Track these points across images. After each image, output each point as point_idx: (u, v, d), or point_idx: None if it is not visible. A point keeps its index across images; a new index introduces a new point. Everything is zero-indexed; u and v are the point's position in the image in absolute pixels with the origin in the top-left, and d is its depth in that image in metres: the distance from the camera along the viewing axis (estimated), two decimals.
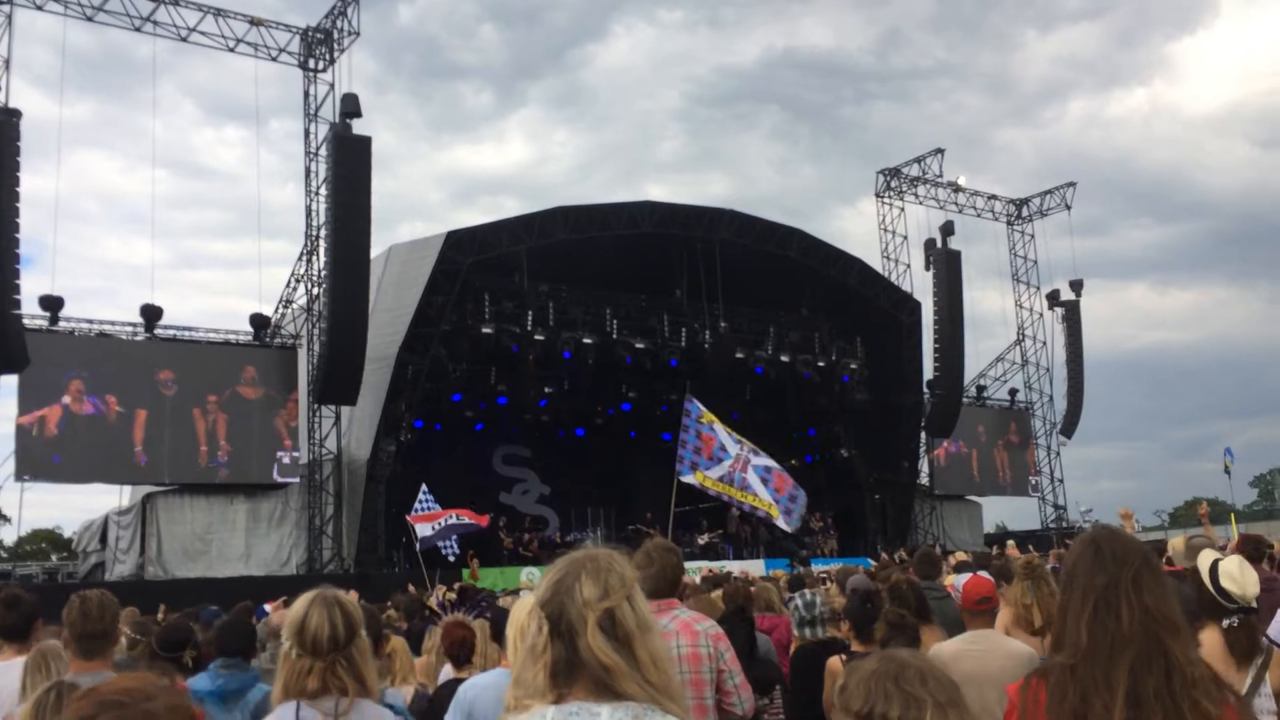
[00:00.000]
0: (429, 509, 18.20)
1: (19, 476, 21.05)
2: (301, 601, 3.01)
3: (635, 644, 2.00)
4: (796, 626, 6.24)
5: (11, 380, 20.88)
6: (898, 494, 32.42)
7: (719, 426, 16.64)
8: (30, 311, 20.82)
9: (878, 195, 35.42)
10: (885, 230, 35.06)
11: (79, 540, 28.82)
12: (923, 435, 32.94)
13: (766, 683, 6.15)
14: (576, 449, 32.11)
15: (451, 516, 18.21)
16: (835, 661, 5.58)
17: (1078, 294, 37.59)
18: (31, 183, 20.03)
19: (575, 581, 2.03)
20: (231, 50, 24.18)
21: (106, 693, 1.67)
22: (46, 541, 51.99)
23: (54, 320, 21.71)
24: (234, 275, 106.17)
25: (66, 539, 44.75)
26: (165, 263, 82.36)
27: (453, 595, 13.11)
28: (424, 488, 18.20)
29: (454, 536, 18.77)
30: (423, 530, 17.79)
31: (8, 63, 20.82)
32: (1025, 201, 39.17)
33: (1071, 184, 38.29)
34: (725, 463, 16.34)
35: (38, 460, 21.12)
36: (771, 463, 16.64)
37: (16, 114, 19.94)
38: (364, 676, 2.92)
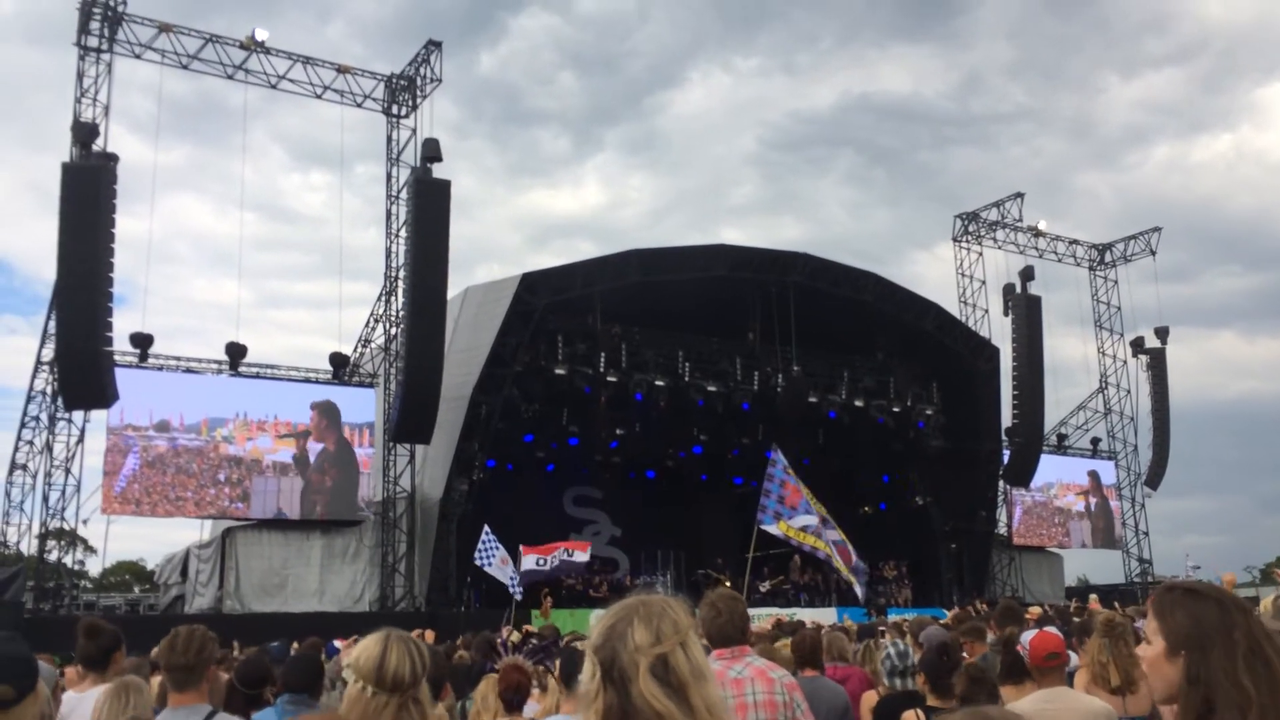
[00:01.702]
0: (493, 551, 18.05)
1: (105, 509, 21.67)
2: (376, 640, 3.03)
3: (690, 692, 1.97)
4: (887, 676, 6.11)
5: (101, 415, 21.59)
6: (974, 544, 31.68)
7: (803, 486, 16.64)
8: (121, 349, 21.54)
9: (955, 240, 35.04)
10: (963, 275, 34.64)
11: (161, 573, 29.50)
12: (1000, 484, 32.23)
13: None
14: (647, 491, 32.02)
15: (545, 559, 18.01)
16: (911, 716, 5.44)
17: (1163, 341, 36.64)
18: (126, 225, 20.77)
19: (628, 627, 2.01)
20: (319, 97, 24.94)
21: None
22: (130, 573, 53.26)
23: (143, 357, 22.40)
24: (316, 315, 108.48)
25: (149, 571, 45.84)
26: (250, 302, 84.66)
27: (517, 636, 13.10)
28: (485, 529, 18.14)
29: (524, 577, 18.56)
30: (499, 573, 17.62)
31: (107, 109, 21.75)
32: (1109, 246, 38.40)
33: (1157, 229, 37.50)
34: (810, 516, 16.25)
35: (124, 493, 21.71)
36: (842, 536, 16.63)
37: (114, 159, 20.77)
38: (429, 715, 2.93)
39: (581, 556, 18.39)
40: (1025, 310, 30.80)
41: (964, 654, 6.97)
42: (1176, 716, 2.33)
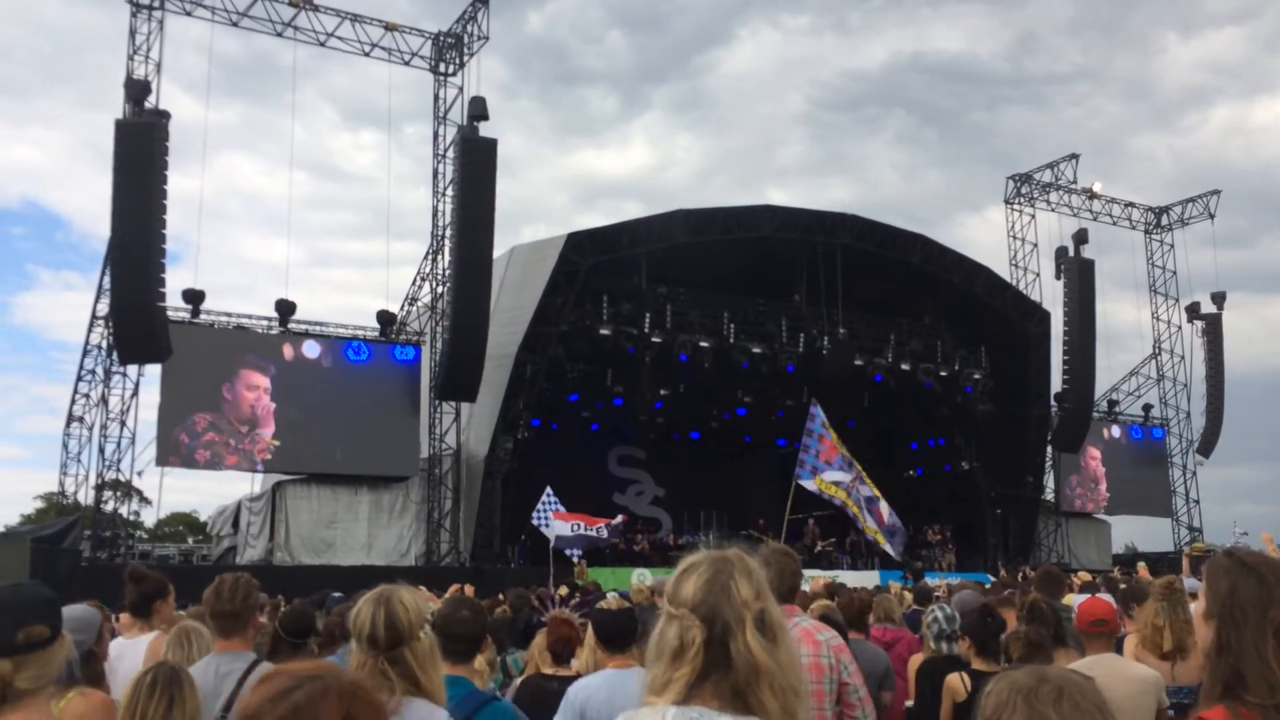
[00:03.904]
0: (554, 509, 18.10)
1: (160, 461, 22.12)
2: (363, 599, 3.05)
3: (780, 645, 1.98)
4: (934, 640, 6.06)
5: (155, 369, 21.97)
6: (1021, 509, 31.42)
7: (840, 442, 16.54)
8: (174, 304, 21.85)
9: (1007, 201, 34.46)
10: (1014, 237, 34.10)
11: (213, 524, 30.11)
12: (1049, 450, 31.88)
13: None
14: (691, 452, 32.09)
15: (582, 525, 18.00)
16: (955, 679, 5.41)
17: (1220, 307, 35.84)
18: (179, 183, 21.00)
19: (729, 581, 1.99)
20: (367, 55, 24.96)
21: (302, 670, 1.73)
22: (184, 524, 54.48)
23: (195, 313, 22.73)
24: (364, 274, 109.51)
25: (203, 522, 46.83)
26: (300, 261, 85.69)
27: (565, 591, 13.24)
28: (548, 490, 18.21)
29: (579, 546, 18.61)
30: (560, 529, 17.74)
31: (159, 66, 21.92)
32: (1165, 210, 37.55)
33: (1216, 192, 36.56)
34: (845, 474, 16.18)
35: (177, 446, 22.13)
36: (875, 493, 16.48)
37: (166, 115, 20.95)
38: (417, 676, 2.91)
39: (598, 533, 18.09)
40: (1078, 274, 30.24)
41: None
42: (1205, 679, 2.38)
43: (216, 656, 4.28)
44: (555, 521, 17.46)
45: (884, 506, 16.56)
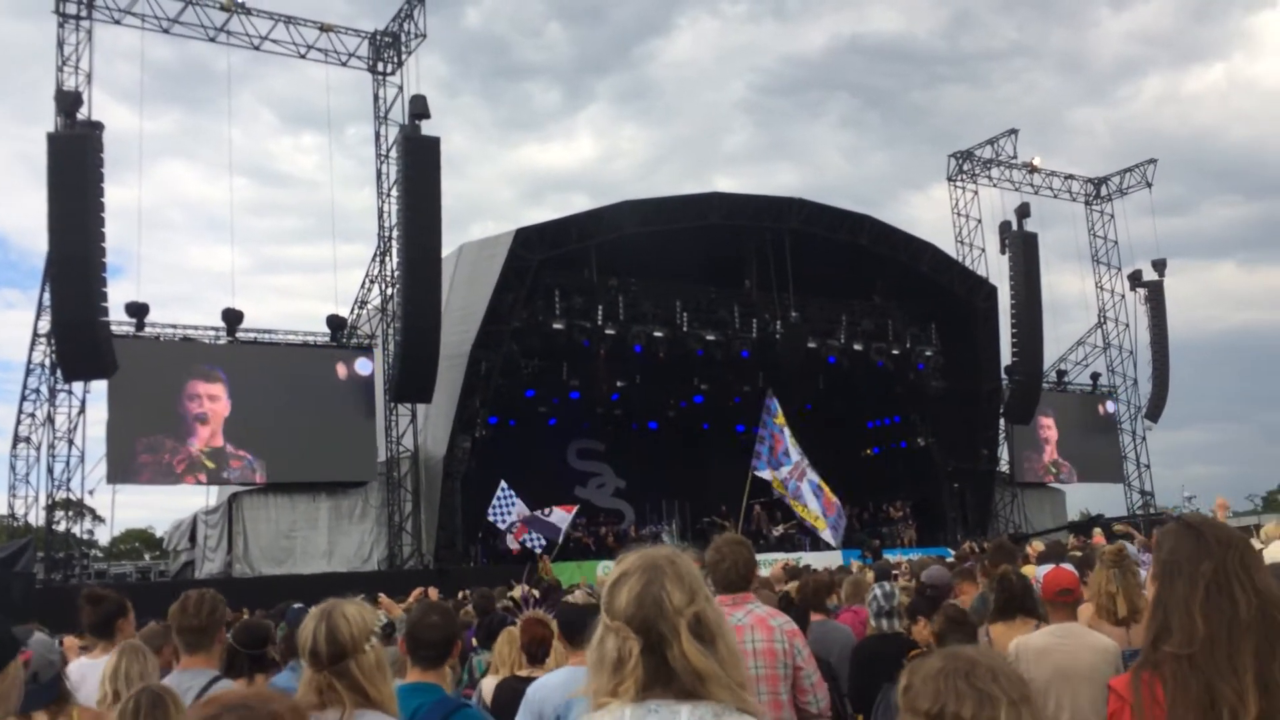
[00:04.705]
0: (510, 504, 18.10)
1: (111, 479, 21.74)
2: (309, 613, 3.02)
3: (718, 644, 1.98)
4: (874, 617, 6.11)
5: (102, 385, 21.57)
6: (977, 482, 31.87)
7: (787, 431, 16.75)
8: (118, 318, 21.48)
9: (950, 179, 34.82)
10: (958, 214, 34.47)
11: (169, 539, 29.66)
12: (1001, 422, 32.34)
13: None
14: (649, 442, 32.15)
15: (543, 511, 18.04)
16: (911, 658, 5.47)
17: (1161, 274, 36.51)
18: (118, 194, 20.69)
19: (660, 590, 1.97)
20: (303, 57, 24.64)
21: (230, 698, 1.73)
22: (140, 541, 53.64)
23: (140, 326, 22.34)
24: (311, 279, 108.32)
25: (159, 538, 46.12)
26: (245, 268, 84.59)
27: (536, 592, 13.19)
28: (503, 484, 18.20)
29: (541, 534, 18.63)
30: (521, 519, 17.73)
31: (90, 77, 21.49)
32: (1104, 180, 38.15)
33: (1152, 161, 37.20)
34: (786, 468, 16.44)
35: (128, 463, 21.76)
36: (822, 483, 16.74)
37: (99, 127, 20.56)
38: (365, 689, 2.89)
39: (559, 517, 18.11)
40: (1022, 247, 30.67)
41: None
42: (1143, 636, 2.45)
43: (179, 673, 4.26)
44: (516, 520, 17.48)
45: (831, 495, 16.80)
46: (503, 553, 21.34)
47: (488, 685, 5.49)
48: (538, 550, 18.88)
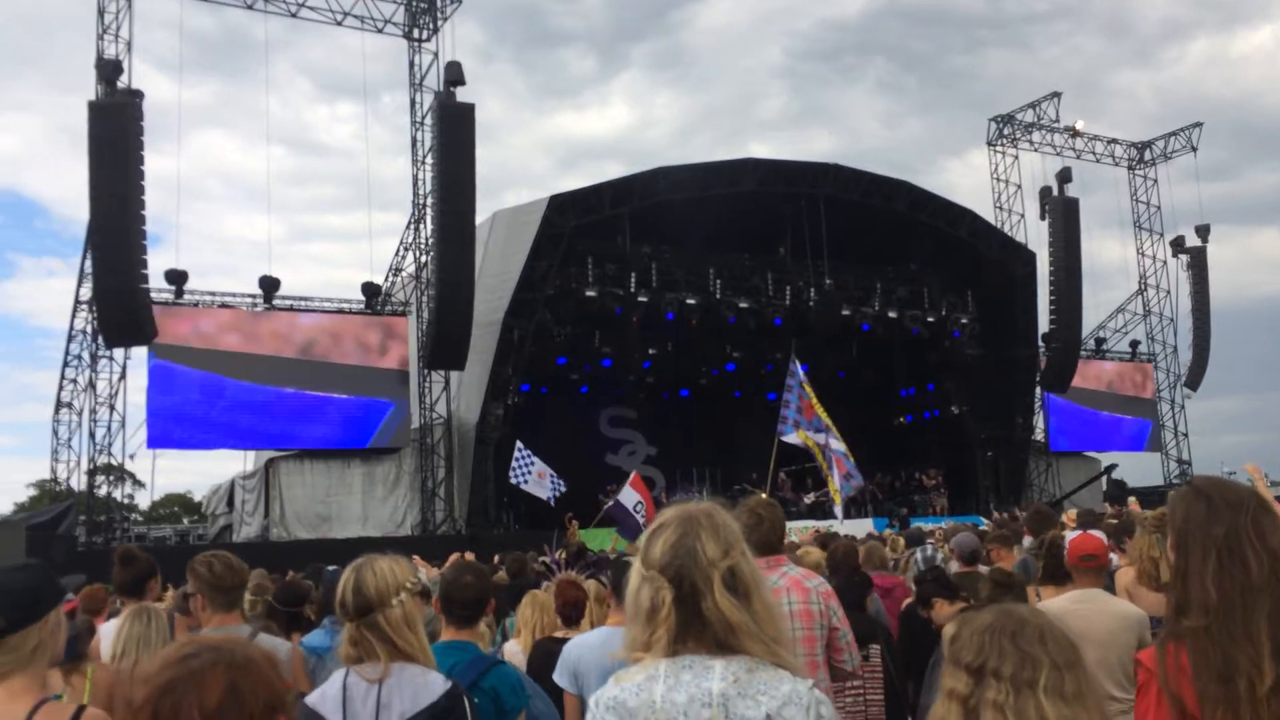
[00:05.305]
0: (528, 466, 18.20)
1: (151, 444, 22.09)
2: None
3: (753, 598, 1.99)
4: (916, 583, 6.15)
5: (141, 351, 21.88)
6: (1011, 451, 31.66)
7: (816, 402, 16.61)
8: (157, 286, 21.72)
9: (990, 144, 34.37)
10: (998, 179, 34.04)
11: (208, 504, 30.13)
12: (1038, 390, 32.06)
13: (863, 639, 6.07)
14: (681, 410, 32.17)
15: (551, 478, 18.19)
16: (941, 606, 5.50)
17: (1204, 240, 35.92)
18: (156, 163, 20.87)
19: (695, 541, 1.99)
20: (339, 24, 24.65)
21: (210, 640, 1.83)
22: (179, 505, 54.54)
23: (179, 294, 22.60)
24: (347, 247, 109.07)
25: (197, 503, 46.87)
26: (282, 237, 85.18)
27: (563, 554, 13.29)
28: (519, 445, 18.30)
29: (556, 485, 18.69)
30: (536, 485, 17.88)
31: (130, 45, 21.60)
32: (1148, 145, 37.51)
33: (1198, 124, 36.55)
34: (822, 433, 16.29)
35: (168, 428, 22.09)
36: (843, 448, 16.55)
37: (139, 95, 20.69)
38: (396, 641, 2.93)
39: (627, 497, 18.16)
40: (1062, 213, 30.22)
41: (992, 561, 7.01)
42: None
43: (213, 632, 4.34)
44: (535, 482, 17.60)
45: (848, 461, 16.60)
46: (535, 516, 21.43)
47: (510, 648, 5.54)
48: (557, 495, 18.93)
